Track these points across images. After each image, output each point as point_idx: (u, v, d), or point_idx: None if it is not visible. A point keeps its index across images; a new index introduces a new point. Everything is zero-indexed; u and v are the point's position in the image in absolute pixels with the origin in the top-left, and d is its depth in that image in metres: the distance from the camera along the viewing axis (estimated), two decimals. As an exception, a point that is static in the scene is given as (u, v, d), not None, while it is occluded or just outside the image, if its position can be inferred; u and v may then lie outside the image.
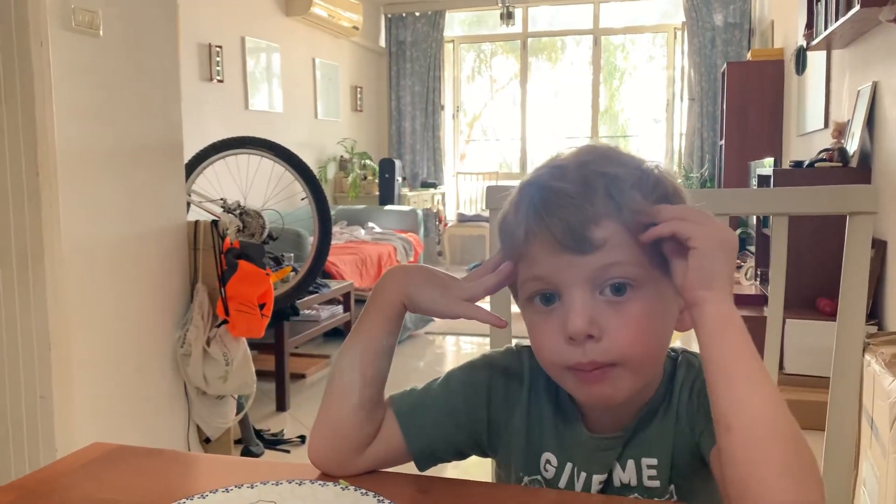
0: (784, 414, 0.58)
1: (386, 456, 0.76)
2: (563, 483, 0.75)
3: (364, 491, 0.66)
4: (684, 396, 0.72)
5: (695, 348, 0.68)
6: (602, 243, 0.64)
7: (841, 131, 3.43)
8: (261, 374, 2.73)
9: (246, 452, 2.76)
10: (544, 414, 0.77)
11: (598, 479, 0.73)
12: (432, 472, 0.80)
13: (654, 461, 0.72)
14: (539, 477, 0.77)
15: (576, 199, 0.65)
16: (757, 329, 0.94)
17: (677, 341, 0.78)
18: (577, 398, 0.73)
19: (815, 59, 4.20)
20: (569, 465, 0.75)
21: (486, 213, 1.00)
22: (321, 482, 0.68)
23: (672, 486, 0.72)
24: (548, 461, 0.76)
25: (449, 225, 7.34)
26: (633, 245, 0.65)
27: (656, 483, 0.72)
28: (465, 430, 0.78)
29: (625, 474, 0.73)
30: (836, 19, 3.10)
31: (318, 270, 3.15)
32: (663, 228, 0.62)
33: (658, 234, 0.63)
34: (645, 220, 0.64)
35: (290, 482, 0.68)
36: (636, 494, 0.72)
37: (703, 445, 0.68)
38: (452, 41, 7.75)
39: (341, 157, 6.81)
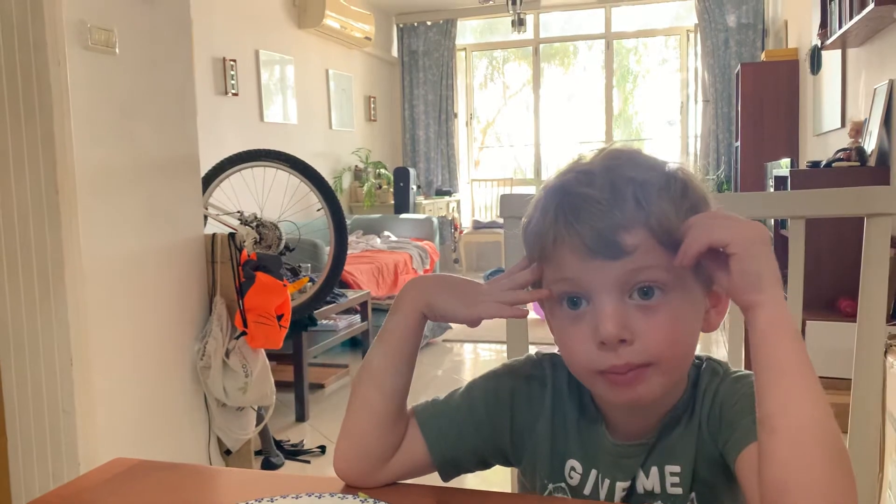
0: (830, 422, 0.58)
1: (411, 467, 0.77)
2: (588, 490, 0.75)
3: (384, 502, 0.67)
4: (706, 403, 0.71)
5: (714, 352, 0.67)
6: (632, 249, 0.65)
7: (858, 130, 3.40)
8: (280, 385, 2.74)
9: (266, 464, 2.77)
10: (568, 420, 0.77)
11: (621, 486, 0.73)
12: (454, 482, 0.80)
13: (677, 468, 0.72)
14: (563, 484, 0.76)
15: (605, 206, 0.65)
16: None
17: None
18: (607, 400, 0.72)
19: (830, 59, 4.17)
20: (593, 472, 0.75)
21: (502, 221, 1.00)
22: (341, 495, 0.69)
23: (693, 494, 0.71)
24: (573, 468, 0.76)
25: (465, 232, 7.35)
26: (661, 250, 0.65)
27: (679, 490, 0.72)
28: (489, 438, 0.78)
29: (648, 481, 0.72)
30: (851, 18, 3.07)
31: (335, 280, 3.16)
32: (698, 244, 0.61)
33: (694, 252, 0.62)
34: (679, 238, 0.64)
35: (309, 496, 0.68)
36: (659, 502, 0.72)
37: (727, 453, 0.68)
38: (464, 49, 7.76)
39: (356, 166, 6.84)
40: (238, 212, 2.88)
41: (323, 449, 2.91)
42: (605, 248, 0.65)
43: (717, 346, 3.76)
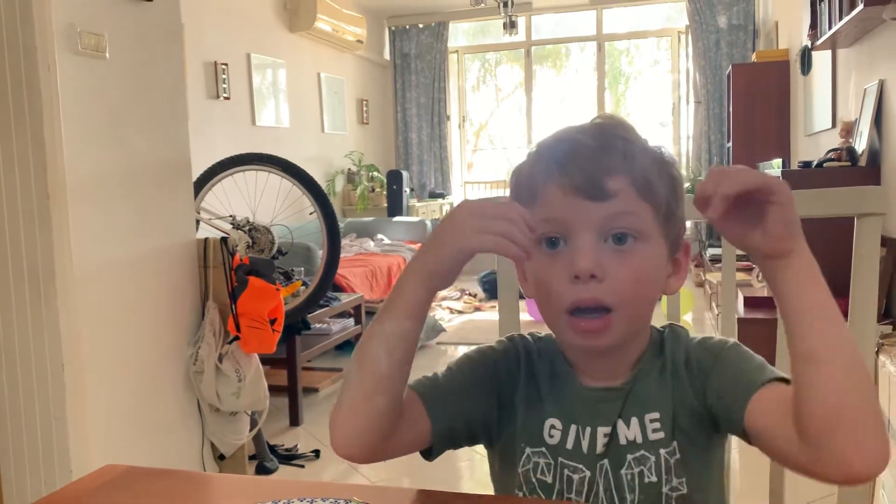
0: (862, 357, 0.64)
1: (413, 440, 0.76)
2: (570, 444, 0.76)
3: (376, 507, 0.66)
4: (679, 359, 0.76)
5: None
6: (615, 194, 0.70)
7: (849, 130, 3.42)
8: (273, 390, 2.73)
9: (260, 468, 2.76)
10: (541, 381, 0.79)
11: (602, 431, 0.76)
12: (449, 485, 0.80)
13: (656, 415, 0.75)
14: (543, 448, 0.77)
15: (595, 153, 0.71)
16: (770, 331, 0.94)
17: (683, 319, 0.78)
18: (572, 344, 0.76)
19: (821, 59, 4.19)
20: (573, 427, 0.76)
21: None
22: (333, 500, 0.68)
23: (675, 443, 0.75)
24: (552, 426, 0.77)
25: None
26: (640, 201, 0.72)
27: (661, 435, 0.75)
28: (480, 405, 0.79)
29: (630, 431, 0.75)
30: (840, 18, 3.09)
31: (329, 284, 3.15)
32: (742, 186, 0.59)
33: (753, 185, 0.60)
34: (708, 191, 0.61)
35: (301, 500, 0.68)
36: (643, 451, 0.75)
37: (729, 406, 0.71)
38: (457, 52, 7.77)
39: (349, 169, 6.84)
40: (230, 216, 2.88)
41: (317, 453, 2.90)
42: (590, 189, 0.70)
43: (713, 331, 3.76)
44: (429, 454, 0.80)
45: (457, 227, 0.67)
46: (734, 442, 0.85)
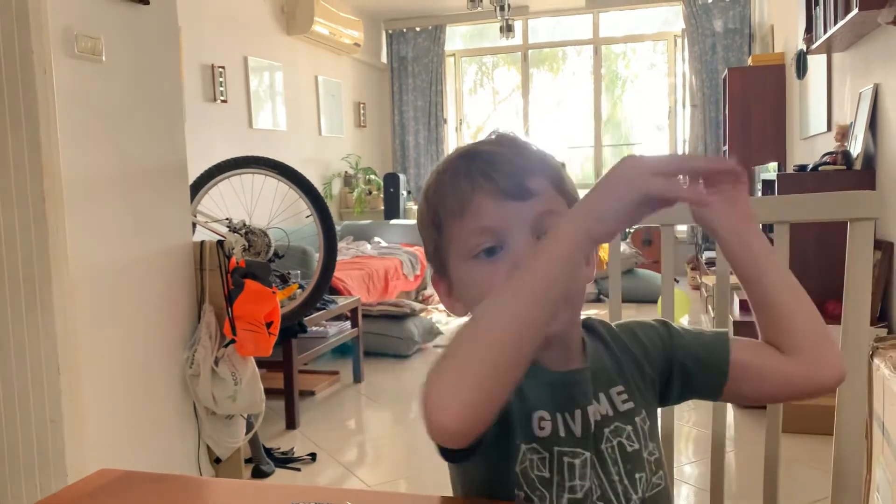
0: None
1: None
2: (562, 432, 0.76)
3: (370, 511, 0.66)
4: (620, 337, 0.84)
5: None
6: (539, 192, 0.75)
7: (844, 134, 3.43)
8: (270, 393, 2.73)
9: (257, 471, 2.76)
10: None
11: (591, 410, 0.78)
12: (445, 489, 0.80)
13: (620, 387, 0.80)
14: (535, 444, 0.76)
15: (512, 158, 0.77)
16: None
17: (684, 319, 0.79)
18: None
19: (816, 63, 4.20)
20: (559, 415, 0.77)
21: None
22: (327, 503, 0.68)
23: (644, 411, 0.81)
24: (541, 418, 0.77)
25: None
26: (559, 198, 0.77)
27: (630, 405, 0.80)
28: None
29: (601, 407, 0.79)
30: (836, 22, 3.10)
31: (325, 287, 3.15)
32: (737, 167, 0.74)
33: (738, 171, 0.74)
34: (713, 166, 0.73)
35: (296, 504, 0.68)
36: (616, 423, 0.78)
37: (718, 358, 0.82)
38: (453, 55, 7.78)
39: (346, 172, 6.84)
40: (227, 219, 2.88)
41: (313, 456, 2.90)
42: (517, 190, 0.74)
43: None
44: (469, 454, 0.72)
45: (628, 172, 0.63)
46: (728, 444, 0.87)
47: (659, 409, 0.87)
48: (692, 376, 0.83)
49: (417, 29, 7.53)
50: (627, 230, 6.58)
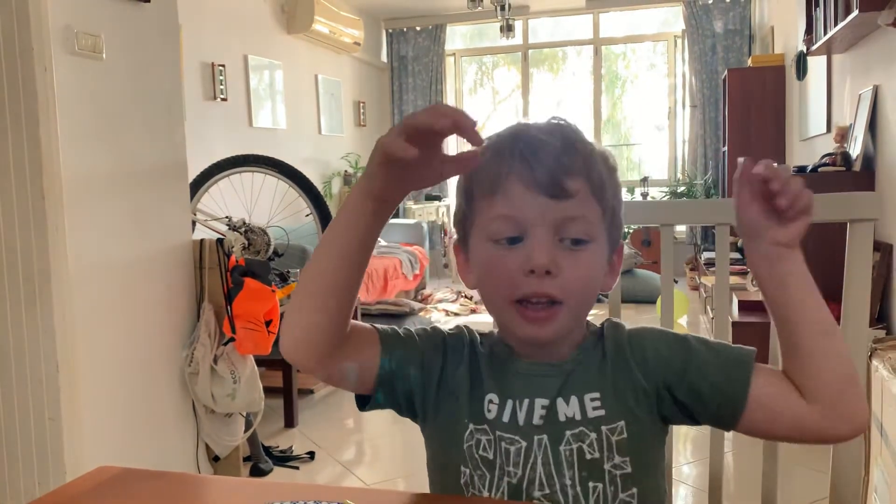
0: None
1: (360, 369, 0.79)
2: (506, 418, 0.78)
3: (370, 510, 0.67)
4: (624, 346, 0.80)
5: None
6: (574, 193, 0.74)
7: (843, 135, 3.43)
8: (268, 391, 2.73)
9: (255, 470, 2.76)
10: (482, 363, 0.82)
11: (540, 402, 0.77)
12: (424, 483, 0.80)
13: (596, 394, 0.78)
14: (484, 425, 0.78)
15: (557, 151, 0.74)
16: (763, 335, 0.94)
17: (683, 317, 0.79)
18: (516, 334, 0.78)
19: (816, 64, 4.20)
20: (509, 402, 0.78)
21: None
22: (326, 502, 0.68)
23: (622, 422, 0.77)
24: (490, 401, 0.79)
25: (454, 237, 7.34)
26: (594, 204, 0.76)
27: (601, 412, 0.77)
28: (427, 371, 0.81)
29: (569, 408, 0.77)
30: (836, 24, 3.10)
31: (324, 286, 3.15)
32: (807, 196, 0.70)
33: (808, 201, 0.70)
34: (773, 183, 0.69)
35: (294, 503, 0.68)
36: (582, 427, 0.77)
37: (735, 385, 0.75)
38: (454, 54, 7.78)
39: (345, 171, 6.84)
40: (226, 217, 2.88)
41: (312, 455, 2.90)
42: (552, 187, 0.73)
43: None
44: (366, 402, 0.82)
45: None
46: (727, 444, 0.86)
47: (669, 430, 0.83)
48: (705, 401, 0.77)
49: (418, 28, 7.52)
50: (627, 230, 6.57)
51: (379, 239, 0.73)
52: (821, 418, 0.72)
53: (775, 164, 0.69)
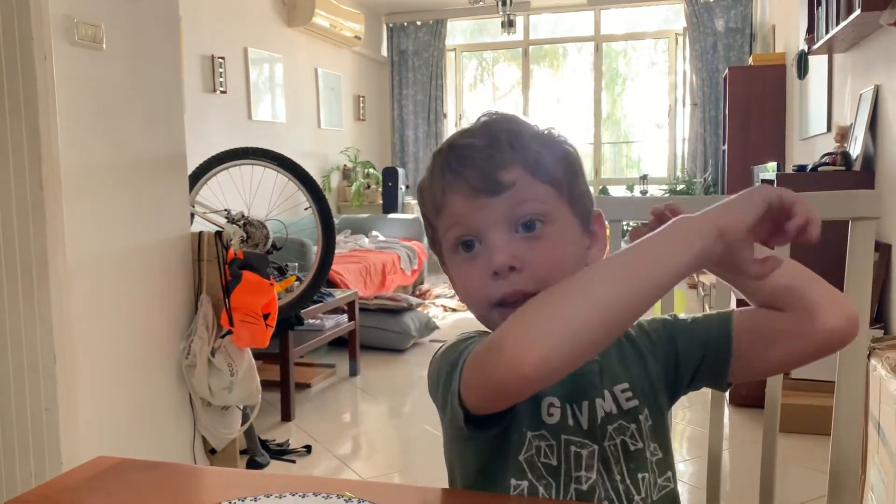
0: None
1: None
2: (570, 422, 0.77)
3: (369, 502, 0.66)
4: (631, 333, 0.81)
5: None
6: (511, 185, 0.73)
7: (844, 135, 3.43)
8: (266, 385, 2.73)
9: (251, 463, 2.76)
10: None
11: (599, 402, 0.78)
12: (439, 481, 0.80)
13: (625, 385, 0.79)
14: (543, 431, 0.76)
15: (484, 150, 0.74)
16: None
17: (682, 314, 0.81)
18: None
19: (817, 64, 4.20)
20: (568, 405, 0.77)
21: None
22: (325, 494, 0.68)
23: (646, 409, 0.79)
24: (551, 404, 0.77)
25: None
26: (538, 184, 0.74)
27: (634, 402, 0.78)
28: None
29: (606, 403, 0.78)
30: (837, 23, 3.10)
31: (323, 280, 3.15)
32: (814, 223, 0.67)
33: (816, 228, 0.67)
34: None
35: (293, 495, 0.68)
36: (620, 421, 0.77)
37: (721, 333, 0.79)
38: (454, 49, 7.77)
39: (344, 166, 6.83)
40: (225, 210, 2.87)
41: (309, 449, 2.90)
42: (486, 185, 0.73)
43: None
44: (492, 423, 0.73)
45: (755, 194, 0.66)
46: (724, 442, 0.86)
47: (672, 409, 0.85)
48: (698, 359, 0.80)
49: (418, 23, 7.51)
50: (625, 227, 6.57)
51: (377, 233, 0.72)
52: (809, 315, 0.73)
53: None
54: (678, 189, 6.71)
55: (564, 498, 0.74)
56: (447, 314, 5.46)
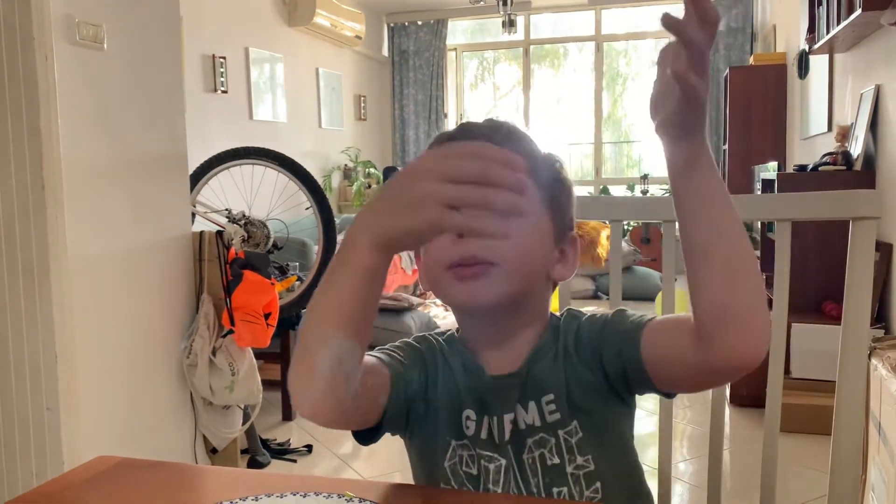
0: (751, 248, 0.65)
1: (369, 410, 0.74)
2: (483, 434, 0.78)
3: (370, 501, 0.67)
4: (570, 339, 0.79)
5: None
6: None
7: (844, 135, 3.43)
8: (267, 384, 2.73)
9: (252, 462, 2.76)
10: (457, 374, 0.81)
11: (508, 417, 0.78)
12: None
13: (550, 396, 0.77)
14: (465, 440, 0.79)
15: (481, 132, 0.77)
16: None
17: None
18: (455, 300, 0.78)
19: (818, 63, 4.19)
20: (485, 417, 0.78)
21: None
22: (326, 494, 0.68)
23: (575, 422, 0.77)
24: (468, 417, 0.79)
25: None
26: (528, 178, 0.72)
27: (557, 416, 0.77)
28: (415, 387, 0.80)
29: (528, 415, 0.77)
30: (838, 23, 3.09)
31: (323, 279, 3.15)
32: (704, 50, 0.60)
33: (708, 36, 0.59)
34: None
35: (294, 495, 0.68)
36: (542, 434, 0.77)
37: (625, 354, 0.74)
38: (455, 49, 7.76)
39: (345, 165, 6.83)
40: (226, 210, 2.87)
41: (310, 448, 2.90)
42: None
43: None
44: (372, 436, 0.77)
45: (413, 195, 0.57)
46: (725, 441, 0.86)
47: (638, 411, 0.82)
48: (622, 372, 0.75)
49: (419, 22, 7.51)
50: (626, 227, 6.58)
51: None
52: (700, 352, 0.65)
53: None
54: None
55: None
56: (448, 314, 5.46)
